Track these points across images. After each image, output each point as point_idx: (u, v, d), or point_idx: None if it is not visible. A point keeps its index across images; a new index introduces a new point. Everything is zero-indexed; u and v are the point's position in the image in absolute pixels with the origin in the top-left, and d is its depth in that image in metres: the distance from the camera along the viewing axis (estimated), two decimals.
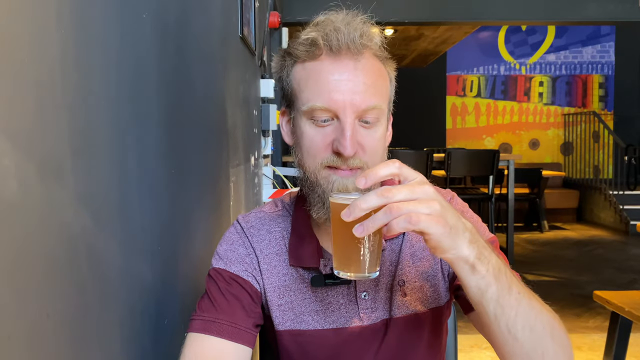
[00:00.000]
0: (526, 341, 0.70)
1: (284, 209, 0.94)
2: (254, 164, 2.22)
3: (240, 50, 1.86)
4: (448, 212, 0.64)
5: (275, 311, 0.88)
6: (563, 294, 4.08)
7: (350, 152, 0.77)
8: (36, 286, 0.49)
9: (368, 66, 0.79)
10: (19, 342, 0.46)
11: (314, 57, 0.80)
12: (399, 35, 6.33)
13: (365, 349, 0.87)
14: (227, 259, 0.88)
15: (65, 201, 0.55)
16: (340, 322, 0.87)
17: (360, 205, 0.62)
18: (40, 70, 0.50)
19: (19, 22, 0.46)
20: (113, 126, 0.68)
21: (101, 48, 0.65)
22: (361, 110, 0.78)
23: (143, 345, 0.79)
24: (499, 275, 0.68)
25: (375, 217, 0.62)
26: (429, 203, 0.63)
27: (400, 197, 0.62)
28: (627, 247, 5.99)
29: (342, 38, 0.77)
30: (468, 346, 2.89)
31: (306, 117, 0.80)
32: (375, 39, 0.82)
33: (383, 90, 0.82)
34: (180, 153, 1.02)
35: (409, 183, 0.65)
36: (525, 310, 0.70)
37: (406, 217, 0.61)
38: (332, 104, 0.77)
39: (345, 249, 0.70)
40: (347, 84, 0.78)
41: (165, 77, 0.92)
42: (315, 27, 0.80)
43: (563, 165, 8.48)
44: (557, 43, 8.54)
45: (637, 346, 2.64)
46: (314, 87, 0.79)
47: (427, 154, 4.63)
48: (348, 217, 0.63)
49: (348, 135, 0.77)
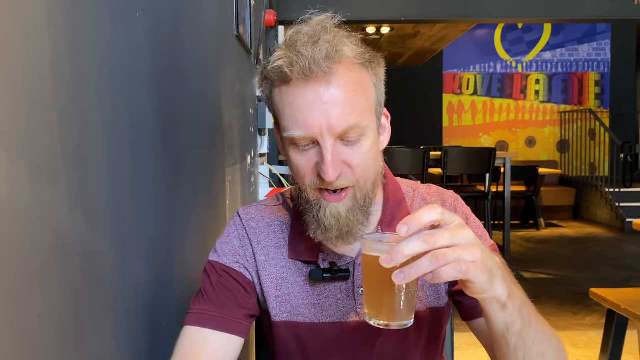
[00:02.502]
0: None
1: (285, 203, 0.95)
2: (250, 162, 2.22)
3: (236, 49, 1.85)
4: (486, 255, 0.63)
5: (272, 302, 0.89)
6: (559, 291, 4.09)
7: (332, 177, 0.75)
8: (27, 286, 0.48)
9: (342, 83, 0.75)
10: (9, 342, 0.45)
11: (286, 82, 0.77)
12: (396, 33, 6.33)
13: (362, 344, 0.88)
14: (221, 252, 0.90)
15: (58, 201, 0.54)
16: (337, 316, 0.88)
17: (403, 252, 0.60)
18: (31, 70, 0.49)
19: (9, 21, 0.46)
20: (106, 125, 0.67)
21: (94, 47, 0.64)
22: (339, 132, 0.75)
23: (139, 346, 0.79)
24: (523, 309, 0.69)
25: (419, 265, 0.60)
26: (472, 250, 0.61)
27: (443, 243, 0.60)
28: (623, 244, 6.00)
29: (306, 63, 0.73)
30: (465, 344, 2.90)
31: (288, 142, 0.79)
32: (347, 51, 0.77)
33: (363, 103, 0.78)
34: (175, 152, 1.01)
35: (449, 227, 0.62)
36: (540, 339, 0.72)
37: (455, 265, 0.60)
38: (308, 131, 0.75)
39: (381, 295, 0.67)
40: (321, 107, 0.74)
41: (159, 75, 0.92)
42: (283, 50, 0.76)
43: (559, 163, 8.50)
44: (554, 41, 8.55)
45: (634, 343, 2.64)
46: (290, 115, 0.77)
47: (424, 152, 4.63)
48: (389, 263, 0.60)
49: (328, 161, 0.75)
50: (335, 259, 0.88)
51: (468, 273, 0.60)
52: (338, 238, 0.81)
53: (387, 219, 0.89)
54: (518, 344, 0.70)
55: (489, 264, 0.63)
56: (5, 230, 0.45)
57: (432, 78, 8.58)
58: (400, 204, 0.91)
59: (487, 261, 0.63)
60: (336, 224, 0.79)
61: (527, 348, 0.71)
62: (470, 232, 0.62)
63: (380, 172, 0.85)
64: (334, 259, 0.88)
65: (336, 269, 0.86)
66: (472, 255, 0.61)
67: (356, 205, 0.80)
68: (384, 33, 6.27)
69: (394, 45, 6.98)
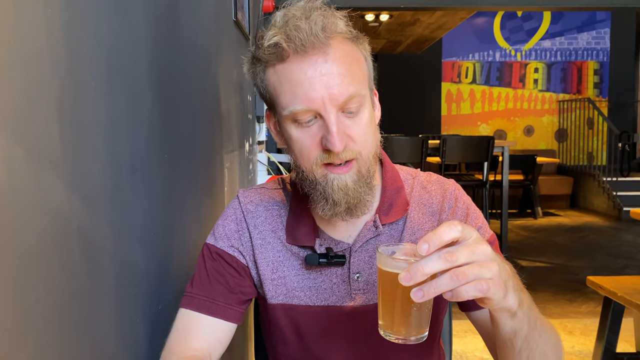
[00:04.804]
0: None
1: (284, 188, 0.95)
2: (248, 150, 2.21)
3: (234, 35, 1.84)
4: (502, 269, 0.63)
5: (268, 285, 0.90)
6: (556, 279, 4.11)
7: (340, 147, 0.76)
8: (25, 270, 0.48)
9: (339, 55, 0.77)
10: (7, 326, 0.45)
11: (283, 60, 0.77)
12: (395, 20, 6.29)
13: (357, 329, 0.88)
14: (218, 235, 0.92)
15: (56, 185, 0.54)
16: (332, 300, 0.89)
17: (423, 271, 0.59)
18: (27, 53, 0.49)
19: (3, 2, 0.45)
20: (104, 110, 0.67)
21: (91, 30, 0.64)
22: (342, 102, 0.76)
23: (137, 331, 0.79)
24: (530, 314, 0.70)
25: (439, 283, 0.59)
26: (490, 266, 0.60)
27: (462, 260, 0.59)
28: (619, 233, 6.03)
29: (304, 36, 0.75)
30: (462, 331, 2.92)
31: (289, 120, 0.79)
32: (340, 24, 0.79)
33: (359, 74, 0.80)
34: (174, 138, 1.01)
35: (467, 243, 0.61)
36: (543, 340, 0.73)
37: (476, 285, 0.59)
38: (311, 104, 0.76)
39: (397, 311, 0.66)
40: (321, 79, 0.75)
41: (157, 60, 0.91)
42: (277, 28, 0.77)
43: (557, 151, 8.50)
44: (553, 29, 8.51)
45: (629, 331, 2.66)
46: (289, 90, 0.77)
47: (422, 141, 4.63)
48: (409, 281, 0.59)
49: (334, 132, 0.76)
50: (332, 244, 0.88)
51: (488, 291, 0.60)
52: (347, 212, 0.81)
53: (385, 207, 0.89)
54: (523, 346, 0.71)
55: (504, 277, 0.63)
56: (3, 214, 0.44)
57: (431, 66, 8.54)
58: (399, 192, 0.91)
59: (502, 274, 0.63)
60: (344, 197, 0.80)
61: (532, 349, 0.72)
62: (488, 247, 0.62)
63: (378, 146, 0.85)
64: (330, 245, 0.88)
65: (332, 254, 0.87)
66: (490, 272, 0.60)
67: (361, 179, 0.81)
68: (383, 20, 6.23)
69: (392, 32, 6.95)
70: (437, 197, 0.92)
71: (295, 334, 0.90)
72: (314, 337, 0.90)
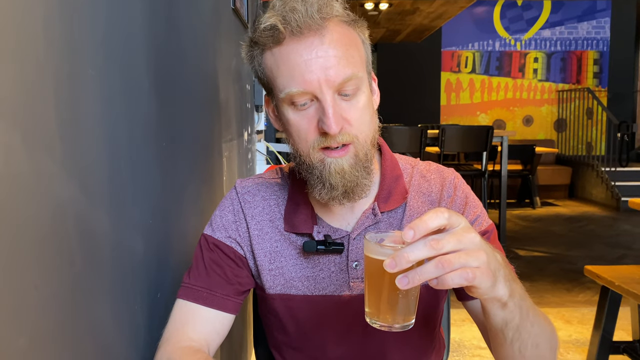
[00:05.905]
0: (531, 357, 0.74)
1: (282, 178, 0.95)
2: (247, 139, 2.21)
3: (232, 23, 1.83)
4: (491, 258, 0.62)
5: (266, 275, 0.90)
6: (554, 268, 4.13)
7: (336, 129, 0.76)
8: (23, 257, 0.48)
9: (335, 37, 0.77)
10: (6, 313, 0.45)
11: (279, 42, 0.77)
12: (395, 9, 6.26)
13: (355, 318, 0.88)
14: (215, 225, 0.92)
15: (54, 173, 0.53)
16: (329, 289, 0.89)
17: (408, 257, 0.58)
18: (23, 37, 0.48)
19: None
20: (102, 96, 0.66)
21: (89, 15, 0.63)
22: (338, 84, 0.76)
23: (135, 319, 0.79)
24: (522, 305, 0.69)
25: (424, 271, 0.59)
26: (477, 254, 0.60)
27: (449, 248, 0.59)
28: (617, 223, 6.04)
29: (300, 18, 0.75)
30: (460, 320, 2.93)
31: (286, 103, 0.79)
32: (337, 6, 0.79)
33: (356, 57, 0.79)
34: (172, 125, 1.00)
35: (455, 231, 0.60)
36: (536, 331, 0.72)
37: (461, 273, 0.58)
38: (307, 86, 0.76)
39: (383, 298, 0.66)
40: (317, 61, 0.75)
41: (155, 47, 0.90)
42: (273, 11, 0.77)
43: (556, 142, 8.50)
44: (553, 19, 8.47)
45: (626, 320, 2.67)
46: (285, 73, 0.77)
47: (421, 130, 4.62)
48: (393, 268, 0.59)
49: (330, 114, 0.75)
50: (330, 232, 0.88)
51: (474, 280, 0.59)
52: (344, 196, 0.81)
53: (383, 195, 0.89)
54: (515, 336, 0.71)
55: (493, 266, 0.62)
56: (1, 201, 0.44)
57: (430, 56, 8.51)
58: (398, 180, 0.90)
59: (492, 263, 0.62)
60: (341, 180, 0.80)
61: (523, 340, 0.72)
62: (477, 235, 0.61)
63: (376, 131, 0.85)
64: (329, 232, 0.88)
65: (330, 241, 0.86)
66: (477, 260, 0.59)
67: (358, 163, 0.80)
68: (383, 9, 6.19)
69: (392, 22, 6.91)
70: (436, 186, 0.92)
71: (294, 323, 0.90)
72: (313, 326, 0.90)
